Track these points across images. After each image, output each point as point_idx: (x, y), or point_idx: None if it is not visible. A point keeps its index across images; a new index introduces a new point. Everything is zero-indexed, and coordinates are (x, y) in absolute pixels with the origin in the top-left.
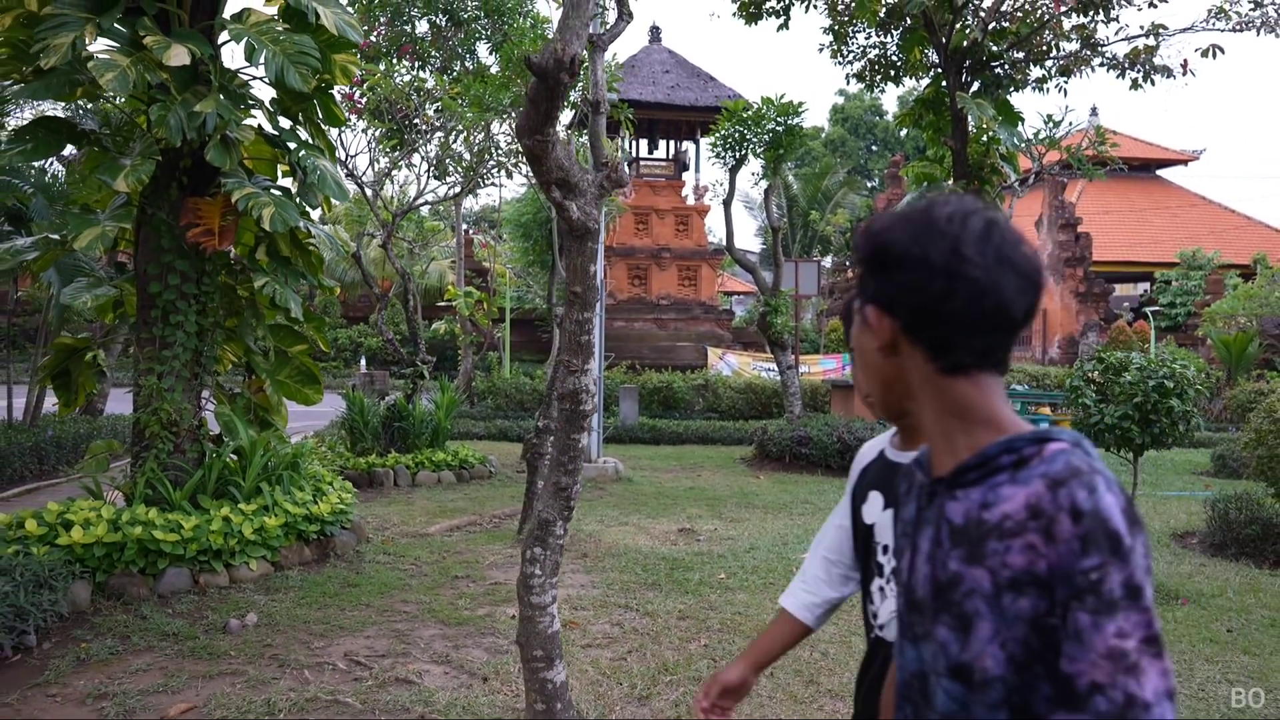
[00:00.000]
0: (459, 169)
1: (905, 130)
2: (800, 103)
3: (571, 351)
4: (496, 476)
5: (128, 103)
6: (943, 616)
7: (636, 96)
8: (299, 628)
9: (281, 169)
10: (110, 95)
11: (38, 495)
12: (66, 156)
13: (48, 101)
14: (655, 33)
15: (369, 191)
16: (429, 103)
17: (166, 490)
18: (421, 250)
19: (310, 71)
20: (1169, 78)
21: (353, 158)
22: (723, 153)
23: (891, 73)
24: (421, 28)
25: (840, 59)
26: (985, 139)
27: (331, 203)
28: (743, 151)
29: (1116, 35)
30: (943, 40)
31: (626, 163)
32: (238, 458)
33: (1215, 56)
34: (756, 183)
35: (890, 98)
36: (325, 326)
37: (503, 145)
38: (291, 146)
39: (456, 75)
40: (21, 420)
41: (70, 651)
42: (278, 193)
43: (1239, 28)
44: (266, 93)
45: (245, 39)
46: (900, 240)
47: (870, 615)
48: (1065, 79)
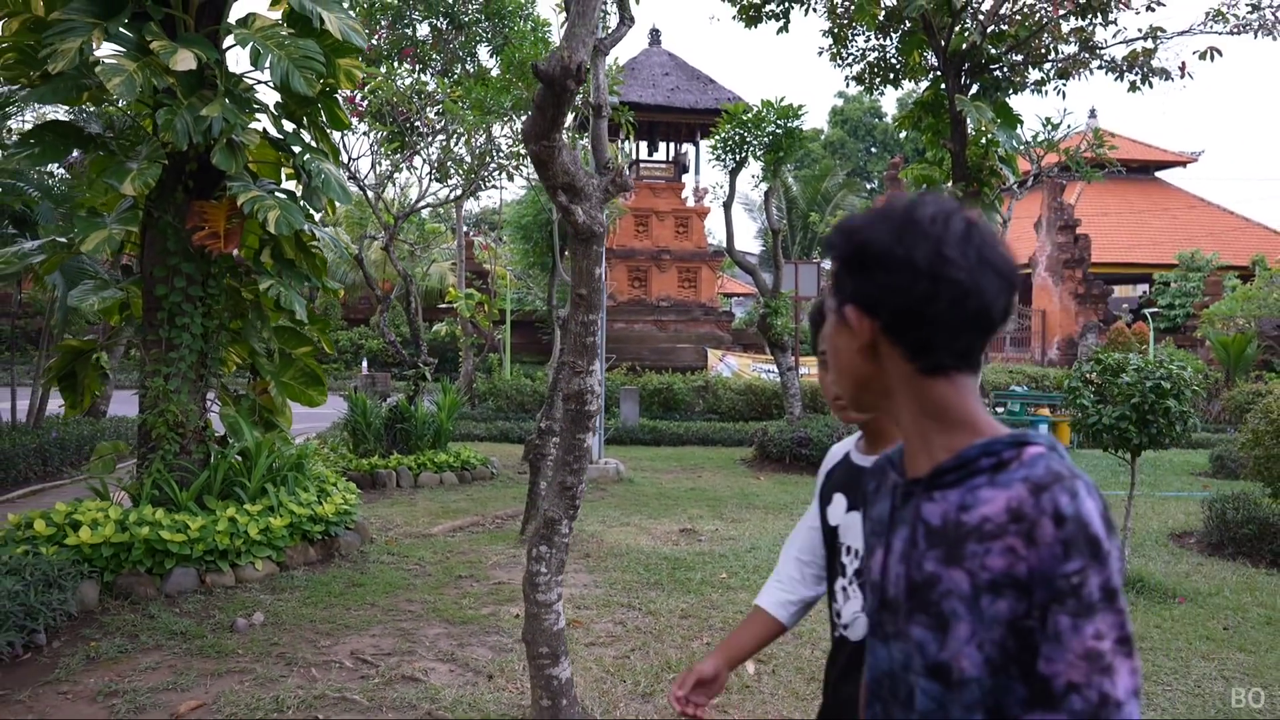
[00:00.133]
0: (460, 172)
1: (904, 132)
2: (800, 106)
3: (577, 353)
4: (498, 477)
5: (132, 106)
6: (918, 616)
7: (636, 99)
8: (305, 627)
9: (286, 172)
10: (116, 99)
11: (42, 497)
12: (68, 160)
13: (49, 105)
14: (655, 35)
15: (371, 194)
16: (430, 105)
17: (173, 491)
18: (423, 252)
19: (315, 76)
20: (1167, 80)
21: (354, 160)
22: (723, 155)
23: (891, 75)
24: (422, 31)
25: (840, 62)
26: (984, 141)
27: (335, 206)
28: (743, 154)
29: (1114, 38)
30: (941, 43)
31: (628, 165)
32: (243, 459)
33: (1213, 59)
34: (756, 185)
35: (889, 100)
36: (329, 328)
37: (504, 148)
38: (296, 150)
39: (457, 78)
40: (25, 422)
41: (80, 650)
42: (282, 196)
43: (1237, 30)
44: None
45: (251, 44)
46: (881, 240)
47: (834, 614)
48: (1064, 81)
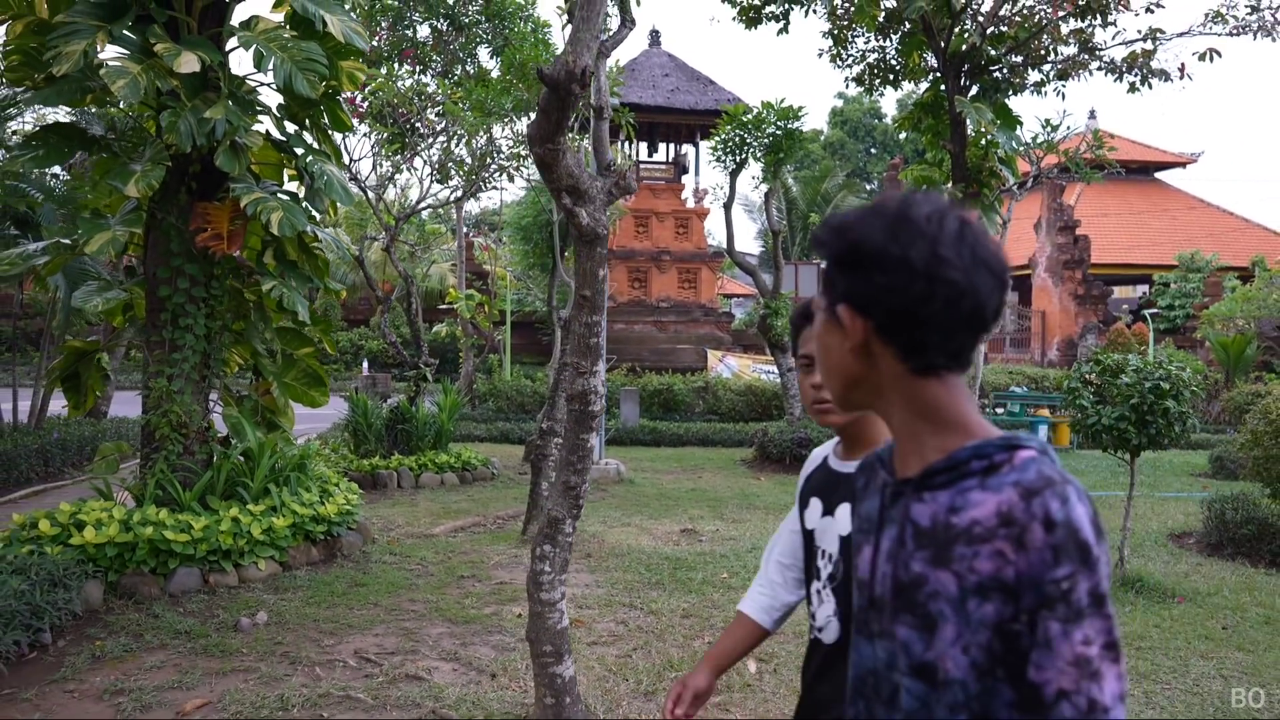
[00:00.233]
0: (460, 173)
1: (904, 133)
2: (799, 107)
3: (580, 354)
4: (499, 478)
5: (134, 108)
6: (904, 616)
7: (636, 100)
8: (309, 626)
9: (288, 173)
10: (119, 101)
11: (44, 497)
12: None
13: (53, 107)
14: (655, 36)
15: (371, 195)
16: (430, 106)
17: (176, 491)
18: (423, 253)
19: (318, 78)
20: (1166, 81)
21: (355, 162)
22: (723, 156)
23: (890, 77)
24: (423, 32)
25: (839, 63)
26: (984, 143)
27: (337, 207)
28: (743, 155)
29: (1114, 40)
30: (941, 44)
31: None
32: (245, 459)
33: (1212, 60)
34: (757, 186)
35: (889, 101)
36: (331, 329)
37: (504, 149)
38: (299, 152)
39: (458, 79)
40: (27, 423)
41: (85, 649)
42: (285, 197)
43: (1236, 32)
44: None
45: (254, 46)
46: (875, 238)
47: (810, 616)
48: (1063, 82)
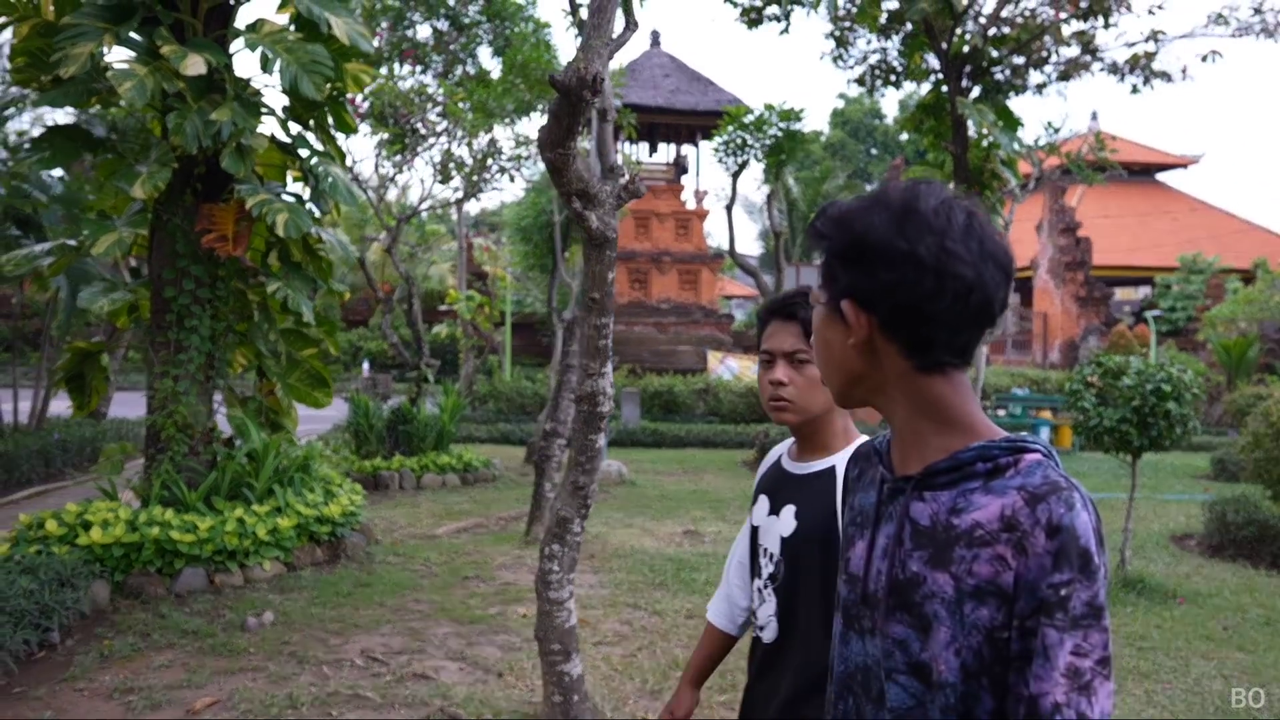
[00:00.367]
0: (461, 173)
1: (905, 134)
2: (801, 109)
3: (589, 355)
4: (500, 479)
5: (139, 109)
6: (900, 615)
7: (637, 101)
8: (315, 626)
9: (292, 175)
10: (121, 102)
11: (46, 498)
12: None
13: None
14: (655, 37)
15: (373, 196)
16: (431, 106)
17: (182, 492)
18: (424, 254)
19: (323, 80)
20: (1169, 82)
21: (357, 163)
22: (725, 158)
23: (892, 78)
24: (423, 32)
25: (841, 64)
26: (985, 144)
27: (341, 208)
28: (745, 157)
29: (1116, 41)
30: (943, 46)
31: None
32: (249, 460)
33: (1214, 61)
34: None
35: (890, 101)
36: (334, 330)
37: (505, 150)
38: (303, 154)
39: (459, 79)
40: (27, 424)
41: (93, 648)
42: (290, 199)
43: (1239, 33)
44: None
45: (260, 49)
46: (880, 232)
47: (752, 614)
48: (1065, 83)
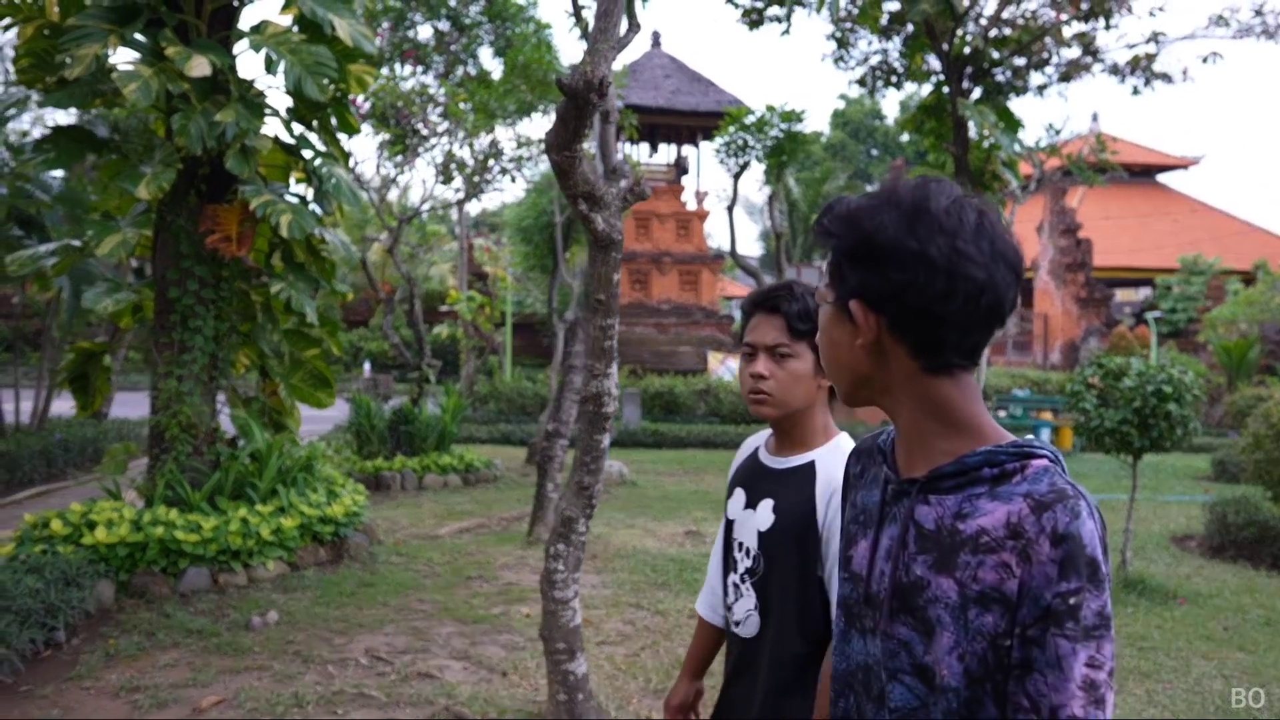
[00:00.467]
0: (463, 174)
1: (906, 135)
2: (802, 110)
3: (595, 356)
4: (502, 480)
5: (143, 110)
6: (904, 618)
7: (638, 101)
8: (319, 625)
9: (295, 175)
10: (128, 103)
11: (48, 498)
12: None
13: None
14: (656, 38)
15: (375, 196)
16: (432, 107)
17: (186, 492)
18: (426, 254)
19: (327, 82)
20: (1169, 83)
21: (359, 163)
22: (727, 159)
23: (893, 79)
24: (424, 33)
25: (842, 65)
26: (986, 145)
27: (344, 209)
28: (746, 158)
29: (1117, 42)
30: (944, 47)
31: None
32: (252, 460)
33: (1215, 63)
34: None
35: (890, 102)
36: (337, 330)
37: (507, 151)
38: (307, 155)
39: (460, 80)
40: (29, 424)
41: (99, 647)
42: (294, 200)
43: (1240, 35)
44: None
45: (265, 50)
46: (890, 231)
47: (727, 609)
48: (1066, 84)
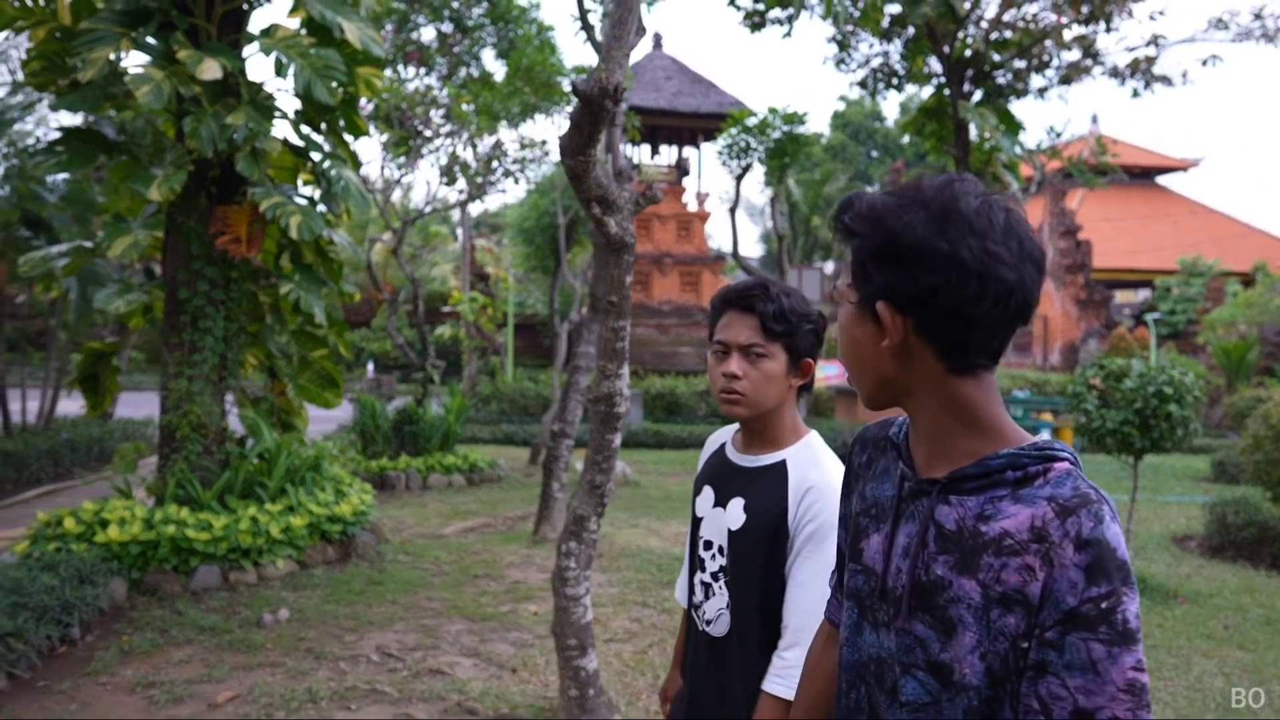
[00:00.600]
0: (466, 175)
1: (906, 137)
2: (804, 113)
3: (607, 357)
4: (506, 480)
5: (151, 112)
6: (922, 615)
7: (639, 103)
8: (329, 623)
9: (303, 177)
10: (138, 106)
11: (56, 497)
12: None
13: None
14: (657, 40)
15: (379, 197)
16: (435, 108)
17: (196, 490)
18: (428, 254)
19: (336, 85)
20: (1169, 86)
21: (363, 166)
22: (729, 160)
23: (894, 81)
24: (427, 35)
25: (844, 67)
26: (987, 147)
27: (353, 211)
28: (748, 160)
29: (1117, 45)
30: (945, 50)
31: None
32: (261, 459)
33: (1214, 66)
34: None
35: (890, 104)
36: (345, 331)
37: (510, 153)
38: (316, 157)
39: (463, 82)
40: (35, 424)
41: (113, 644)
42: (302, 201)
43: (1239, 38)
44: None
45: (275, 53)
46: (920, 232)
47: (694, 608)
48: (1066, 86)
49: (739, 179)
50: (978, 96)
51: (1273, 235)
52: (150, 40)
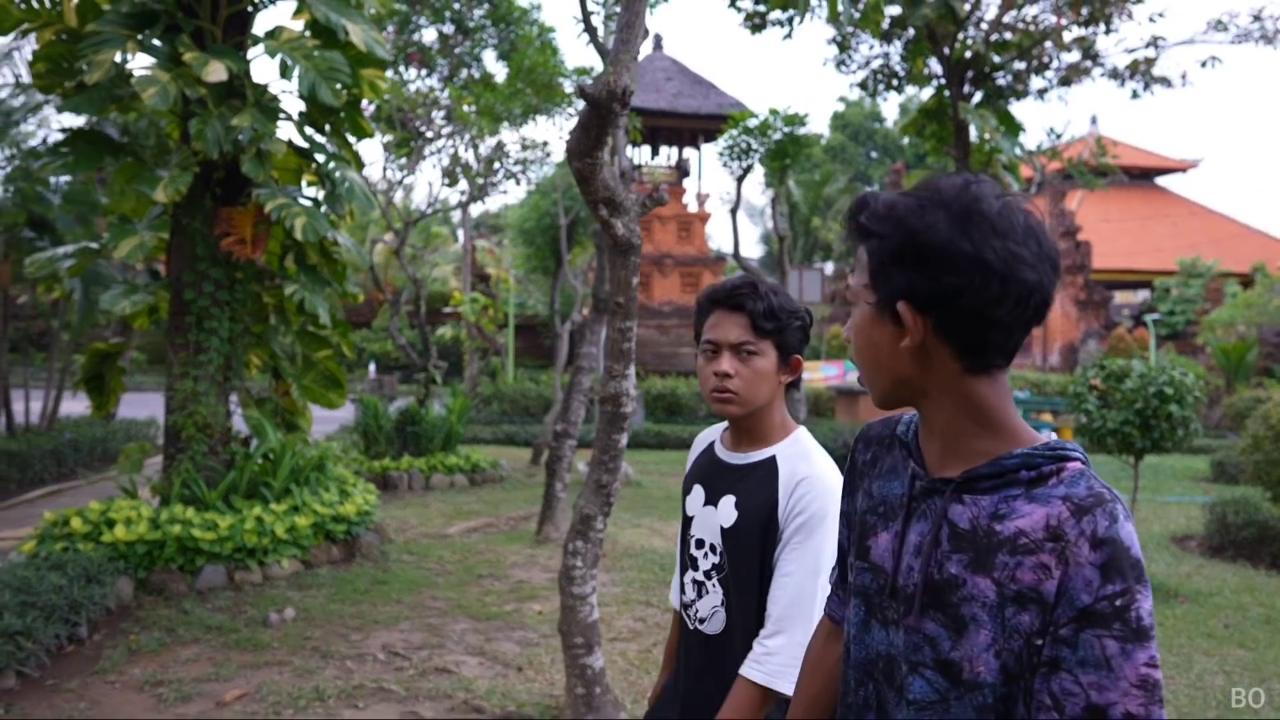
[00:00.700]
0: (468, 177)
1: (906, 138)
2: (805, 114)
3: (614, 357)
4: (508, 480)
5: (155, 114)
6: (934, 614)
7: (640, 104)
8: (335, 622)
9: (307, 178)
10: (143, 108)
11: (59, 497)
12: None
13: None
14: (658, 41)
15: (380, 198)
16: (436, 110)
17: (201, 490)
18: (430, 255)
19: (341, 87)
20: (1168, 87)
21: (365, 167)
22: (730, 162)
23: (894, 82)
24: (429, 36)
25: (844, 69)
26: (987, 149)
27: (356, 212)
28: (749, 161)
29: (1117, 47)
30: (945, 51)
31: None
32: (265, 460)
33: (1214, 67)
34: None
35: (889, 105)
36: (349, 331)
37: (512, 154)
38: (320, 159)
39: (464, 83)
40: (38, 424)
41: (121, 643)
42: (307, 203)
43: (1238, 40)
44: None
45: (280, 55)
46: (943, 233)
47: (686, 607)
48: (1066, 87)
49: (740, 180)
50: (978, 98)
51: (1272, 236)
52: (156, 42)
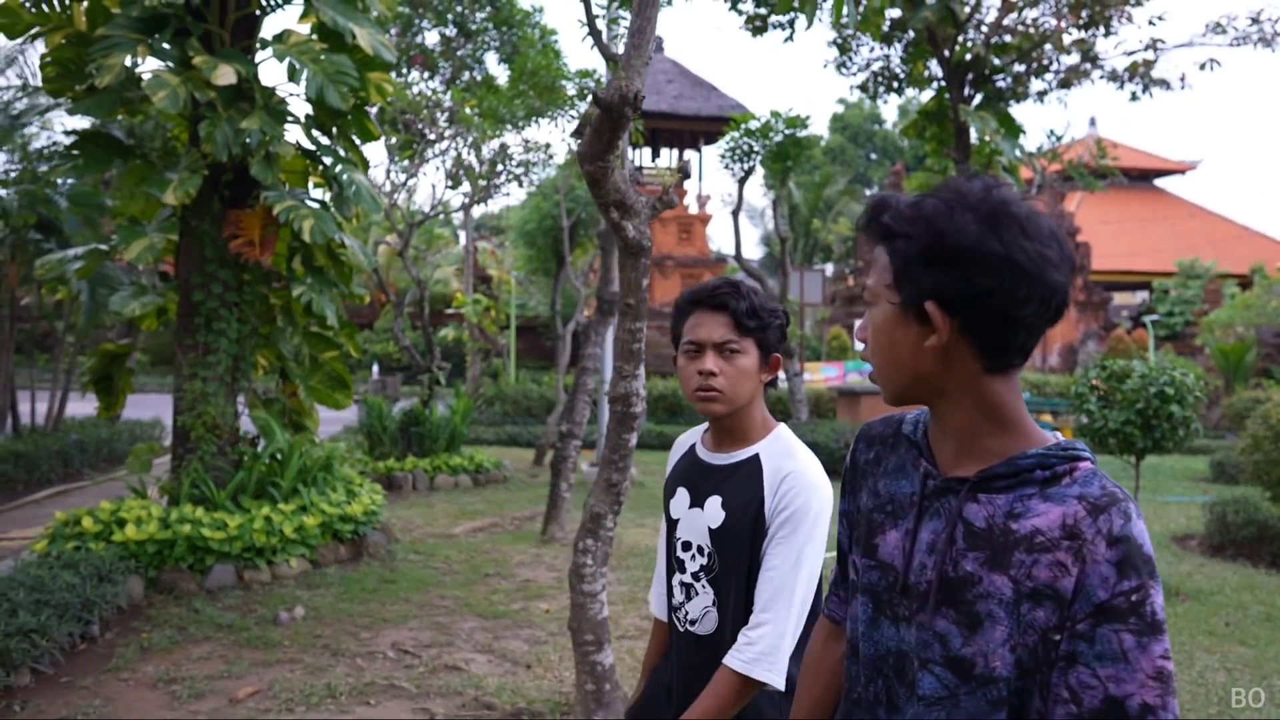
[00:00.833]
0: (471, 179)
1: (907, 140)
2: (806, 116)
3: (623, 358)
4: (511, 480)
5: (163, 116)
6: (947, 611)
7: (641, 106)
8: (344, 620)
9: (314, 180)
10: (154, 111)
11: (66, 498)
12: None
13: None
14: (659, 43)
15: (386, 200)
16: (439, 111)
17: (210, 490)
18: (433, 256)
19: (348, 90)
20: (1167, 90)
21: (369, 169)
22: (731, 164)
23: (894, 85)
24: (431, 39)
25: (844, 71)
26: (988, 151)
27: (363, 215)
28: (751, 163)
29: (1116, 49)
30: (945, 54)
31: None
32: (273, 460)
33: (1212, 69)
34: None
35: (889, 107)
36: (355, 333)
37: (515, 156)
38: (328, 161)
39: (466, 85)
40: (44, 425)
41: (133, 641)
42: (315, 205)
43: (1237, 42)
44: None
45: (288, 59)
46: (972, 234)
47: (675, 609)
48: (1065, 90)
49: (741, 182)
50: (978, 100)
51: (1270, 237)
52: (165, 46)
